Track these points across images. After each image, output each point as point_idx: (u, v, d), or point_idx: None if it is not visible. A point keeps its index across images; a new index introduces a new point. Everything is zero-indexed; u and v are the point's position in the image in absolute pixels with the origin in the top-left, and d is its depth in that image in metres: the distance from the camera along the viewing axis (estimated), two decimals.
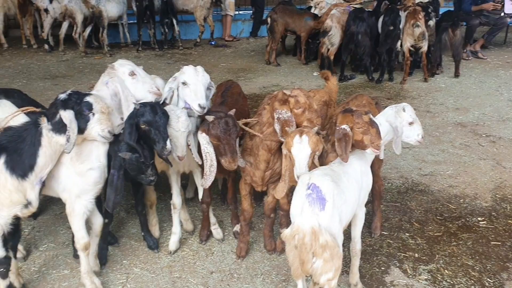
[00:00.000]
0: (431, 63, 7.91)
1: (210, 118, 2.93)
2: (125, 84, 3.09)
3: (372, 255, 3.51)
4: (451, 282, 3.21)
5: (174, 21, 9.95)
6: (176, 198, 3.52)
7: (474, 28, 8.94)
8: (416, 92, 7.29)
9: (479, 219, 3.91)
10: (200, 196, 3.56)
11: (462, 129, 5.79)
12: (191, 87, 3.17)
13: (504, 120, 6.09)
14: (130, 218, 4.01)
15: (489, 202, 4.17)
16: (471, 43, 9.30)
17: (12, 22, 10.29)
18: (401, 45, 7.51)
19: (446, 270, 3.32)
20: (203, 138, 2.95)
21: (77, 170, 2.87)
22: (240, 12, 12.24)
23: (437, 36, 7.68)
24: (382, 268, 3.36)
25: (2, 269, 2.82)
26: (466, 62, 8.77)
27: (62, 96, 2.74)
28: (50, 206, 4.12)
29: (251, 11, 11.63)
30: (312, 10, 9.02)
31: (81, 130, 2.76)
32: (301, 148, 2.74)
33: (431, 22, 7.61)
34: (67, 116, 2.66)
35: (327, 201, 2.44)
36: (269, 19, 8.74)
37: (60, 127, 2.68)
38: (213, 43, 10.81)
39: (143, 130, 2.91)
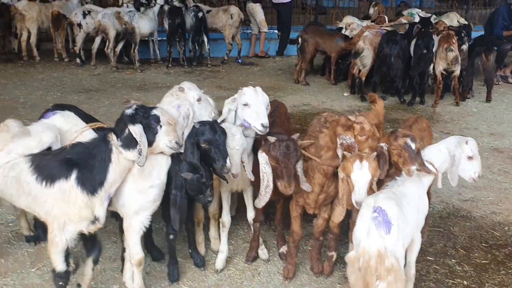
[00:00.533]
0: (463, 87, 7.89)
1: (272, 139, 2.96)
2: (193, 108, 3.15)
3: (420, 280, 3.47)
4: None
5: (205, 39, 10.08)
6: (226, 217, 3.54)
7: (505, 53, 8.91)
8: (449, 116, 7.27)
9: None
10: (251, 215, 3.57)
11: (499, 155, 5.76)
12: (252, 107, 3.23)
13: None
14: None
15: None
16: (502, 68, 9.28)
17: (43, 35, 10.50)
18: (433, 69, 7.53)
19: None
20: (262, 157, 2.97)
21: (139, 187, 2.91)
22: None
23: (470, 61, 7.69)
24: None
25: (61, 283, 2.85)
26: (496, 86, 8.74)
27: (129, 111, 2.79)
28: None
29: (277, 30, 11.75)
30: (343, 31, 9.09)
31: (149, 143, 2.80)
32: (361, 174, 2.77)
33: (464, 47, 7.63)
34: (137, 130, 2.71)
35: (393, 225, 2.46)
36: (300, 39, 8.82)
37: (129, 143, 2.73)
38: (240, 61, 10.92)
39: (203, 149, 2.94)
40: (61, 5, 10.13)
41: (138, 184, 2.90)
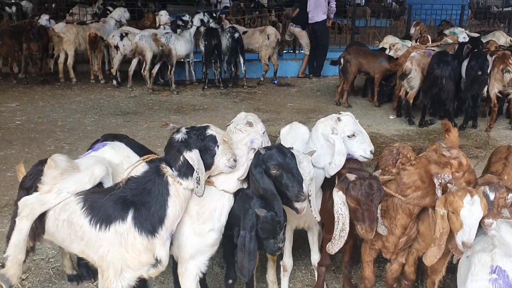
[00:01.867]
0: None
1: (351, 176, 2.61)
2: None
3: None
4: None
5: (241, 60, 9.89)
6: (288, 259, 3.22)
7: None
8: (506, 141, 6.81)
9: None
10: (315, 258, 3.23)
11: None
12: (358, 136, 2.94)
13: None
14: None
15: None
16: None
17: (79, 57, 10.47)
18: (487, 91, 7.10)
19: None
20: (339, 197, 2.63)
21: (197, 231, 2.61)
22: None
23: None
24: None
25: None
26: None
27: (180, 136, 2.50)
28: None
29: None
30: (387, 52, 8.75)
31: (208, 166, 2.54)
32: (473, 210, 2.38)
33: None
34: (194, 156, 2.44)
35: None
36: (342, 60, 8.52)
37: (186, 171, 2.47)
38: (276, 82, 10.68)
39: (274, 176, 2.60)
40: (99, 27, 10.12)
41: (197, 227, 2.60)
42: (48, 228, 2.59)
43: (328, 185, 2.96)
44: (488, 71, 6.98)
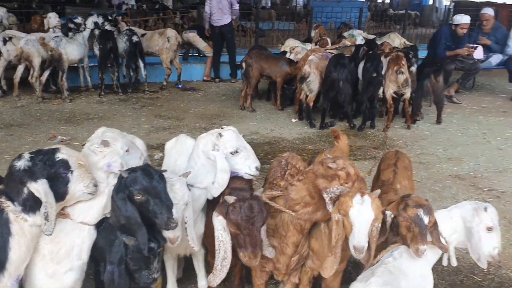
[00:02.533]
0: (413, 110, 7.69)
1: (230, 199, 2.35)
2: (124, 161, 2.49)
3: None
4: None
5: (141, 64, 9.39)
6: None
7: (450, 73, 8.87)
8: (402, 140, 7.01)
9: None
10: (202, 284, 2.97)
11: (461, 183, 5.48)
12: (242, 152, 2.69)
13: (501, 171, 5.84)
14: None
15: None
16: (446, 88, 9.24)
17: None
18: (383, 92, 7.27)
19: None
20: (219, 222, 2.36)
21: (51, 272, 2.22)
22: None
23: (419, 82, 7.52)
24: None
25: None
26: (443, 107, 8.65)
27: (23, 163, 2.08)
28: None
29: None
30: (287, 55, 8.73)
31: (60, 197, 2.15)
32: (362, 210, 2.22)
33: (413, 68, 7.47)
34: (40, 188, 2.05)
35: None
36: (244, 64, 8.36)
37: (32, 205, 2.07)
38: (180, 86, 10.30)
39: (139, 203, 2.26)
40: None
41: (50, 268, 2.21)
42: None
43: (212, 207, 2.70)
44: (383, 73, 7.15)
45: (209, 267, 2.97)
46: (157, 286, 2.98)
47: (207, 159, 2.64)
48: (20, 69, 8.73)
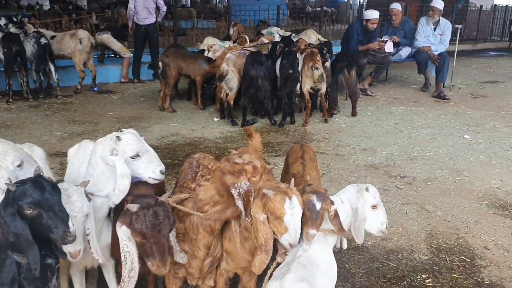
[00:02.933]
0: (329, 104, 7.90)
1: (133, 207, 2.21)
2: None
3: None
4: None
5: (52, 68, 8.90)
6: None
7: (362, 67, 9.22)
8: (320, 134, 7.18)
9: (423, 276, 3.65)
10: None
11: (375, 172, 5.69)
12: (144, 156, 2.54)
13: (412, 158, 6.14)
14: None
15: (428, 255, 3.95)
16: (360, 81, 9.60)
17: None
18: (300, 88, 7.40)
19: None
20: (123, 232, 2.22)
21: None
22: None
23: (333, 77, 7.73)
24: None
25: None
26: (358, 100, 8.97)
27: None
28: None
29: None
30: (206, 53, 8.64)
31: None
32: (295, 213, 2.24)
33: (327, 64, 7.66)
34: None
35: None
36: (160, 63, 8.16)
37: None
38: (95, 89, 9.88)
39: (30, 217, 2.08)
40: None
41: None
42: None
43: (114, 215, 2.57)
44: (300, 69, 7.27)
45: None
46: None
47: (106, 165, 2.50)
48: None
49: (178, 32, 13.37)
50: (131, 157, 2.53)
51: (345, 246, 2.78)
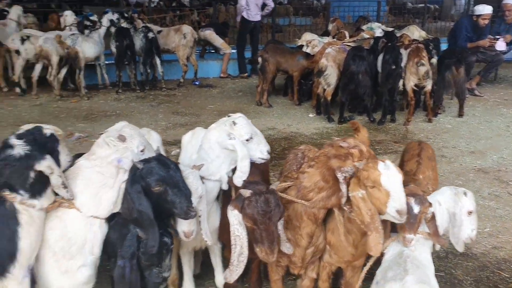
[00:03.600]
0: (434, 103, 7.50)
1: (246, 192, 2.25)
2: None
3: None
4: None
5: (158, 61, 9.40)
6: (188, 285, 2.83)
7: (471, 65, 8.66)
8: (424, 134, 6.84)
9: None
10: (220, 280, 2.89)
11: (485, 176, 5.30)
12: (255, 138, 2.62)
13: None
14: None
15: None
16: (468, 80, 9.01)
17: None
18: (403, 85, 7.11)
19: None
20: (234, 216, 2.27)
21: (64, 269, 2.17)
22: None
23: (440, 75, 7.32)
24: None
25: None
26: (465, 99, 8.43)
27: (19, 150, 2.05)
28: None
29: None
30: (304, 49, 8.61)
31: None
32: (392, 174, 2.14)
33: (434, 60, 7.27)
34: (51, 163, 2.06)
35: None
36: (259, 59, 8.26)
37: (39, 188, 2.05)
38: (197, 83, 10.28)
39: (157, 194, 2.21)
40: None
41: (63, 264, 2.15)
42: None
43: (224, 199, 2.63)
44: (403, 65, 6.98)
45: (227, 262, 2.90)
46: (174, 281, 2.94)
47: (222, 149, 2.56)
48: (38, 67, 8.80)
49: (275, 29, 13.47)
50: (246, 140, 2.57)
51: (437, 247, 2.60)
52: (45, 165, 2.03)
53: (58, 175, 2.06)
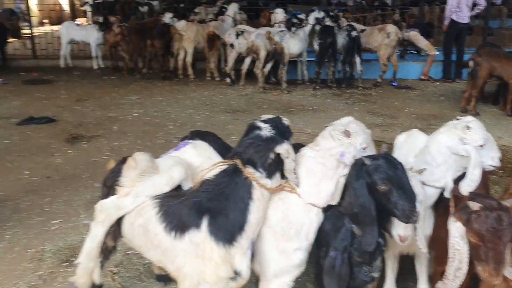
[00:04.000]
0: None
1: (475, 205, 2.10)
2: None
3: None
4: None
5: (358, 60, 9.41)
6: None
7: None
8: None
9: None
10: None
11: None
12: (487, 144, 2.46)
13: None
14: None
15: None
16: None
17: (199, 54, 10.73)
18: None
19: None
20: (456, 229, 2.14)
21: (281, 249, 2.31)
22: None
23: None
24: None
25: None
26: None
27: (266, 132, 2.24)
28: None
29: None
30: None
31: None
32: None
33: None
34: (289, 148, 2.21)
35: None
36: (471, 62, 7.63)
37: (273, 169, 2.22)
38: (395, 83, 10.00)
39: (381, 193, 2.20)
40: (217, 26, 10.28)
41: (281, 245, 2.29)
42: (124, 233, 2.47)
43: (441, 207, 2.48)
44: None
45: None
46: (373, 284, 2.91)
47: (451, 155, 2.42)
48: (247, 61, 9.60)
49: (488, 32, 12.26)
50: (480, 146, 2.39)
51: None
52: (284, 148, 2.17)
53: (293, 160, 2.20)
